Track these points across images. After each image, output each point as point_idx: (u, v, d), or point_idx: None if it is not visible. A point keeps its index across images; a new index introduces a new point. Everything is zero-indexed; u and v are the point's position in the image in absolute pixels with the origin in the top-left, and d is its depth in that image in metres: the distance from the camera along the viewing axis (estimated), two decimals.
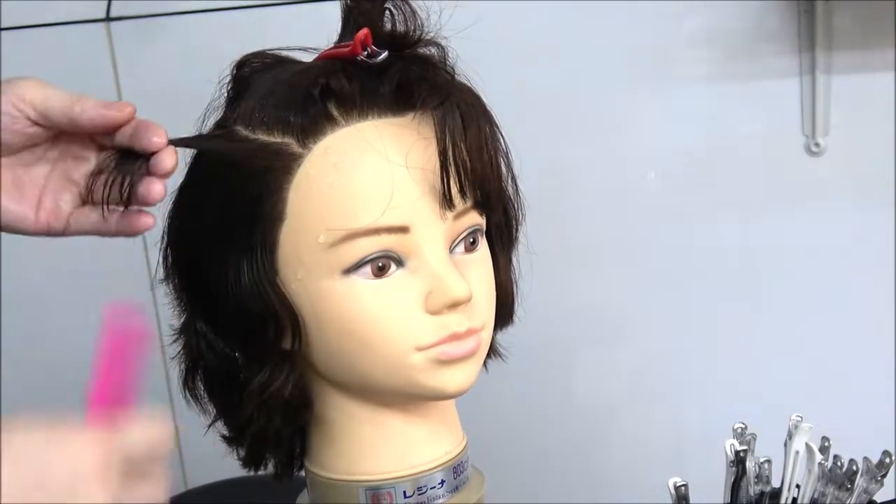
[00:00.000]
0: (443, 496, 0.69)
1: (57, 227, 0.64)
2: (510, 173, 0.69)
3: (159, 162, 0.60)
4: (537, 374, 1.48)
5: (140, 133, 0.60)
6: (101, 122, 0.61)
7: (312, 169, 0.62)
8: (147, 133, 0.60)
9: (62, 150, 0.64)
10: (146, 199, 0.61)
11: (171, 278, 0.68)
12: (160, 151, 0.60)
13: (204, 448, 0.71)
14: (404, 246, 0.63)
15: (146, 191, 0.61)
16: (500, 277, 0.70)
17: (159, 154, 0.60)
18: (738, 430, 0.74)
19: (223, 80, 0.68)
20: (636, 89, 1.39)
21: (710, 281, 1.42)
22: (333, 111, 0.63)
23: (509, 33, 1.33)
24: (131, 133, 0.61)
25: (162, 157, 0.60)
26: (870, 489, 0.70)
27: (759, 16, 1.32)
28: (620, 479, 1.48)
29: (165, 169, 0.60)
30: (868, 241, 1.36)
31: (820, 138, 1.34)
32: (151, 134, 0.60)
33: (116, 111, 0.61)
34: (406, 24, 0.64)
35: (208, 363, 0.68)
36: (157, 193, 0.61)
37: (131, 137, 0.61)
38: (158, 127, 0.61)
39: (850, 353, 1.38)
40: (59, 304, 1.62)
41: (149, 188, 0.61)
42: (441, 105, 0.61)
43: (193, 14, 1.44)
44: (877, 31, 1.30)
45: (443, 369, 0.64)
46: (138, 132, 0.61)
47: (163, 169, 0.60)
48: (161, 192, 0.61)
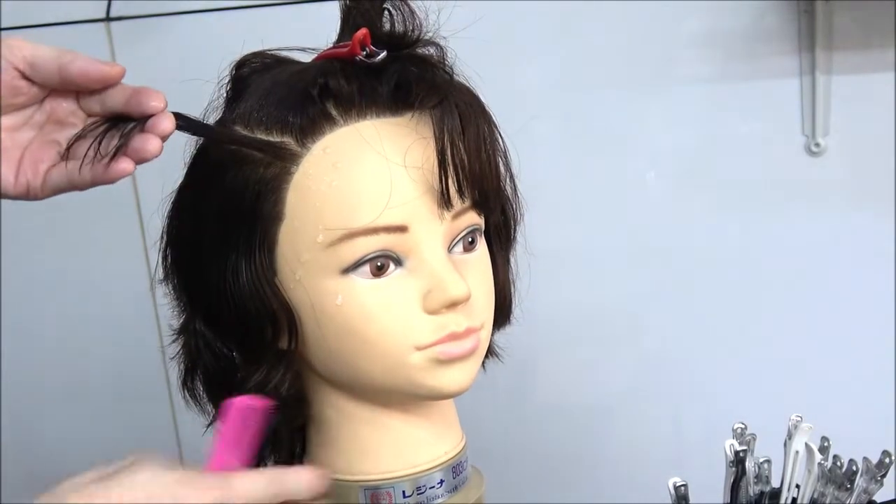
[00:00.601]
0: (442, 496, 0.69)
1: (35, 185, 0.61)
2: (508, 173, 0.70)
3: (157, 122, 0.58)
4: (537, 374, 1.48)
5: (139, 97, 0.59)
6: (93, 72, 0.59)
7: (311, 168, 0.62)
8: (146, 97, 0.58)
9: (49, 114, 0.62)
10: (142, 152, 0.58)
11: (171, 278, 0.69)
12: (158, 113, 0.58)
13: (204, 448, 0.71)
14: (403, 245, 0.63)
15: (142, 145, 0.58)
16: (498, 277, 0.71)
17: (158, 116, 0.58)
18: (738, 430, 0.74)
19: (222, 80, 0.68)
20: (636, 89, 1.39)
21: (709, 281, 1.42)
22: (332, 111, 0.63)
23: (508, 33, 1.33)
24: (126, 100, 0.59)
25: (161, 119, 0.58)
26: (869, 489, 0.70)
27: (758, 16, 1.32)
28: (620, 479, 1.48)
29: (164, 130, 0.58)
30: (868, 241, 1.36)
31: (820, 138, 1.34)
32: (150, 98, 0.58)
33: (109, 65, 0.60)
34: (405, 23, 0.64)
35: (207, 363, 0.68)
36: (154, 147, 0.58)
37: (127, 103, 0.59)
38: (158, 92, 0.59)
39: (850, 353, 1.37)
40: (60, 304, 1.62)
41: (145, 142, 0.58)
42: (439, 105, 0.61)
43: (193, 14, 1.44)
44: (877, 31, 1.30)
45: (441, 369, 0.64)
46: (137, 96, 0.59)
47: (160, 130, 0.58)
48: (158, 146, 0.58)
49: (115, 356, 1.58)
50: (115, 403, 1.62)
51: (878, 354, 1.37)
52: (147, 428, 1.62)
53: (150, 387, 1.54)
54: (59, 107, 0.62)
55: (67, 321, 1.61)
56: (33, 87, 0.61)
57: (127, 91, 0.60)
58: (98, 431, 1.66)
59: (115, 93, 0.60)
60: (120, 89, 0.60)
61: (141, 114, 0.59)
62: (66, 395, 1.65)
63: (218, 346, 0.67)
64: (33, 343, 1.62)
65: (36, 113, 0.62)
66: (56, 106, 0.62)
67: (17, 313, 1.60)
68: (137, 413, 1.60)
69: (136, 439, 1.63)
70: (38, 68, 0.60)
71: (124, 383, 1.59)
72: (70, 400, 1.65)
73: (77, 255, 1.56)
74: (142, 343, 1.36)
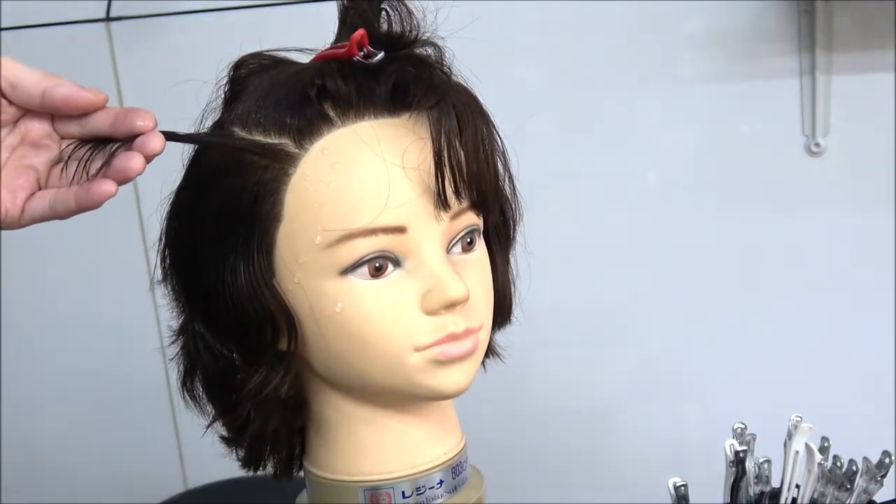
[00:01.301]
0: (442, 496, 0.69)
1: (12, 215, 0.58)
2: (507, 173, 0.69)
3: (147, 142, 0.56)
4: (537, 374, 1.48)
5: (127, 117, 0.57)
6: (78, 100, 0.57)
7: (309, 169, 0.62)
8: (134, 116, 0.57)
9: (22, 136, 0.59)
10: (125, 171, 0.56)
11: (170, 279, 0.68)
12: (147, 133, 0.56)
13: (203, 448, 0.71)
14: (401, 246, 0.63)
15: (125, 163, 0.56)
16: (497, 277, 0.70)
17: (147, 135, 0.56)
18: (738, 430, 0.74)
19: (220, 81, 0.68)
20: (636, 89, 1.39)
21: (709, 281, 1.42)
22: (330, 112, 0.63)
23: (507, 33, 1.33)
24: (112, 121, 0.58)
25: (150, 138, 0.56)
26: (869, 489, 0.70)
27: (758, 16, 1.32)
28: (620, 479, 1.48)
29: (153, 150, 0.56)
30: (868, 241, 1.36)
31: (820, 138, 1.34)
32: (138, 118, 0.57)
33: (92, 93, 0.58)
34: (402, 24, 0.64)
35: (206, 364, 0.68)
36: (137, 164, 0.56)
37: (112, 124, 0.58)
38: (147, 111, 0.58)
39: (850, 353, 1.38)
40: (60, 304, 1.62)
41: (128, 160, 0.56)
42: (437, 105, 0.61)
43: (193, 14, 1.44)
44: (877, 31, 1.30)
45: (441, 369, 0.64)
46: (125, 116, 0.57)
47: (150, 149, 0.56)
48: (142, 164, 0.56)
49: (115, 356, 1.58)
50: (114, 404, 1.62)
51: (878, 354, 1.37)
52: (147, 428, 1.62)
53: (150, 387, 1.54)
54: (33, 128, 0.59)
55: (68, 321, 1.61)
56: (10, 107, 0.58)
57: (112, 113, 0.58)
58: (98, 431, 1.66)
59: (100, 115, 0.58)
60: (104, 112, 0.58)
61: (128, 134, 0.57)
62: (66, 396, 1.65)
63: (217, 347, 0.67)
64: (33, 343, 1.63)
65: (9, 135, 0.58)
66: (30, 127, 0.59)
67: (18, 313, 1.60)
68: (137, 413, 1.60)
69: (135, 439, 1.64)
70: (19, 89, 0.57)
71: (124, 383, 1.59)
72: (70, 400, 1.65)
73: (77, 256, 1.56)
74: (142, 343, 1.36)
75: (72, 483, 1.67)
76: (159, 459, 1.63)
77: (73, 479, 1.68)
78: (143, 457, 1.62)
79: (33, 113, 0.59)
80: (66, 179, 0.59)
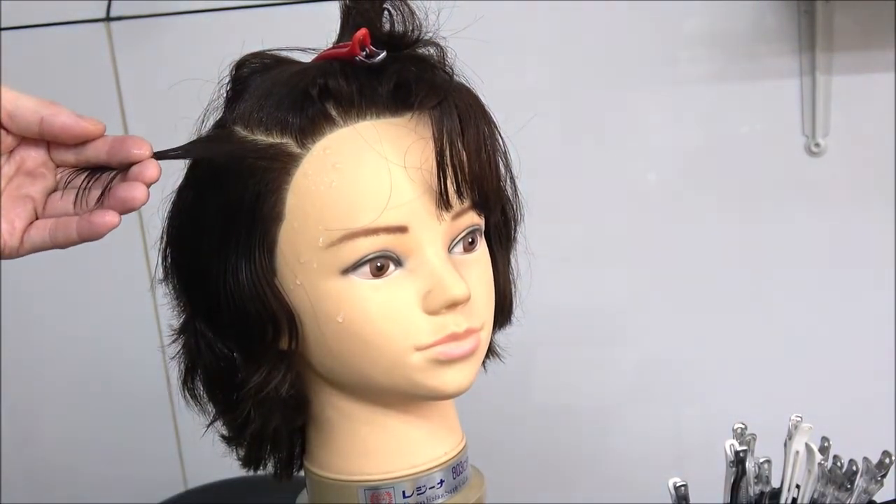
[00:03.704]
0: (442, 496, 0.69)
1: (11, 245, 0.58)
2: (509, 173, 0.69)
3: (143, 170, 0.56)
4: (537, 375, 1.48)
5: (122, 145, 0.57)
6: (76, 130, 0.57)
7: (311, 169, 0.62)
8: (130, 145, 0.57)
9: (18, 165, 0.58)
10: (130, 202, 0.56)
11: (171, 278, 0.68)
12: (143, 161, 0.57)
13: (203, 448, 0.71)
14: (403, 246, 0.63)
15: (128, 193, 0.56)
16: (498, 277, 0.70)
17: (143, 163, 0.57)
18: (738, 430, 0.74)
19: (222, 80, 0.68)
20: (636, 89, 1.39)
21: (709, 281, 1.42)
22: (332, 111, 0.63)
23: (508, 33, 1.33)
24: (108, 149, 0.57)
25: (146, 166, 0.57)
26: (869, 489, 0.70)
27: (758, 16, 1.32)
28: (620, 479, 1.48)
29: (150, 178, 0.57)
30: (868, 241, 1.36)
31: (820, 138, 1.34)
32: (133, 146, 0.57)
33: (91, 122, 0.58)
34: (404, 24, 0.64)
35: (207, 363, 0.68)
36: (141, 195, 0.56)
37: (109, 152, 0.57)
38: (142, 139, 0.57)
39: (850, 353, 1.38)
40: (60, 304, 1.62)
41: (132, 190, 0.56)
42: (439, 105, 0.61)
43: (193, 14, 1.44)
44: (877, 31, 1.30)
45: (442, 369, 0.64)
46: (120, 145, 0.57)
47: (147, 177, 0.56)
48: (145, 194, 0.57)
49: (115, 356, 1.58)
50: (115, 403, 1.62)
51: (878, 354, 1.37)
52: (147, 428, 1.62)
53: (150, 386, 1.54)
54: (28, 157, 0.59)
55: (67, 321, 1.61)
56: (8, 136, 0.57)
57: (108, 141, 0.58)
58: (98, 431, 1.66)
59: (97, 143, 0.58)
60: (101, 140, 0.58)
61: (123, 162, 0.57)
62: (66, 395, 1.65)
63: (218, 346, 0.67)
64: (33, 343, 1.63)
65: (5, 164, 0.58)
66: (26, 156, 0.59)
67: (17, 313, 1.60)
68: (137, 413, 1.60)
69: (135, 439, 1.64)
70: (17, 119, 0.57)
71: (124, 383, 1.59)
72: (70, 400, 1.65)
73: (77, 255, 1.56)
74: (142, 343, 1.36)
75: (72, 483, 1.68)
76: (159, 459, 1.63)
77: (73, 479, 1.68)
78: (143, 457, 1.62)
79: (29, 141, 0.59)
80: (64, 208, 0.59)
